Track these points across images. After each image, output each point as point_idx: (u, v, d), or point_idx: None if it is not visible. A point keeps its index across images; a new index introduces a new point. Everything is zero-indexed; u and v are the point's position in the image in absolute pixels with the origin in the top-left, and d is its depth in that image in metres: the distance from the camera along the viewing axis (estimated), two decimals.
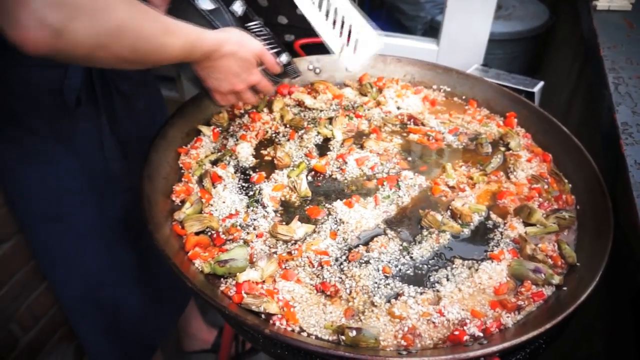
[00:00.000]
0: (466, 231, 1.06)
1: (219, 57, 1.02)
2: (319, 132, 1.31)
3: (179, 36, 0.91)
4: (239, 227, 1.04)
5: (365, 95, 1.46)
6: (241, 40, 1.04)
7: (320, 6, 1.21)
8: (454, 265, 0.98)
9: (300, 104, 1.42)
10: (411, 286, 0.93)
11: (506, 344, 0.79)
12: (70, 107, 1.16)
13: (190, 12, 1.04)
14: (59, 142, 1.24)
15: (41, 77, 1.13)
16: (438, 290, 0.93)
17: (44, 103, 1.17)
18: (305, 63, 1.50)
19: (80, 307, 1.49)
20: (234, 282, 0.92)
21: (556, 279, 0.93)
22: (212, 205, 1.09)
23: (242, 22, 1.09)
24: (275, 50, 1.12)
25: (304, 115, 1.38)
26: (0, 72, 1.12)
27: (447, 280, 0.95)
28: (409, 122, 1.37)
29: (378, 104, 1.43)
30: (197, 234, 1.02)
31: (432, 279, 0.95)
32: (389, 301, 0.91)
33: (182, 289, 1.76)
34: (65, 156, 1.26)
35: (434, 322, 0.87)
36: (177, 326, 2.07)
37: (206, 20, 1.05)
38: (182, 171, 1.18)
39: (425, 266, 0.98)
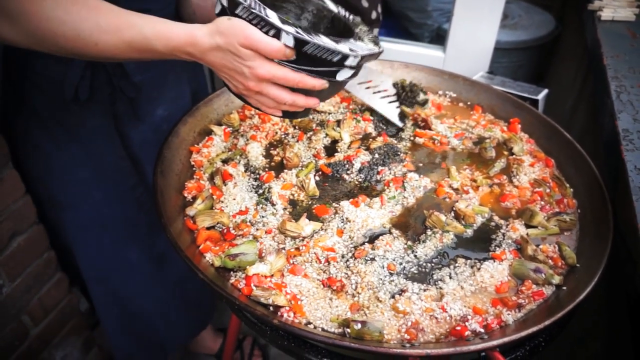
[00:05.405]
0: (469, 232, 1.08)
1: (202, 52, 0.90)
2: (327, 134, 1.34)
3: (120, 34, 0.88)
4: (248, 224, 1.07)
5: None
6: (221, 29, 0.88)
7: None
8: (456, 264, 1.00)
9: None
10: (415, 283, 0.96)
11: (506, 339, 0.82)
12: (67, 99, 1.20)
13: None
14: (66, 132, 1.30)
15: (46, 69, 1.20)
16: (441, 288, 0.96)
17: (49, 93, 1.23)
18: None
19: (94, 294, 1.55)
20: (243, 276, 0.95)
21: (556, 279, 0.96)
22: (222, 202, 1.12)
23: (230, 9, 0.89)
24: (272, 30, 0.87)
25: (313, 118, 1.41)
26: (17, 60, 1.20)
27: (450, 278, 0.98)
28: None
29: None
30: (208, 229, 1.05)
31: (435, 277, 0.98)
32: (393, 297, 0.93)
33: (204, 307, 1.83)
34: (70, 144, 1.31)
35: (436, 318, 0.90)
36: None
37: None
38: (194, 169, 1.22)
39: (429, 264, 1.01)
